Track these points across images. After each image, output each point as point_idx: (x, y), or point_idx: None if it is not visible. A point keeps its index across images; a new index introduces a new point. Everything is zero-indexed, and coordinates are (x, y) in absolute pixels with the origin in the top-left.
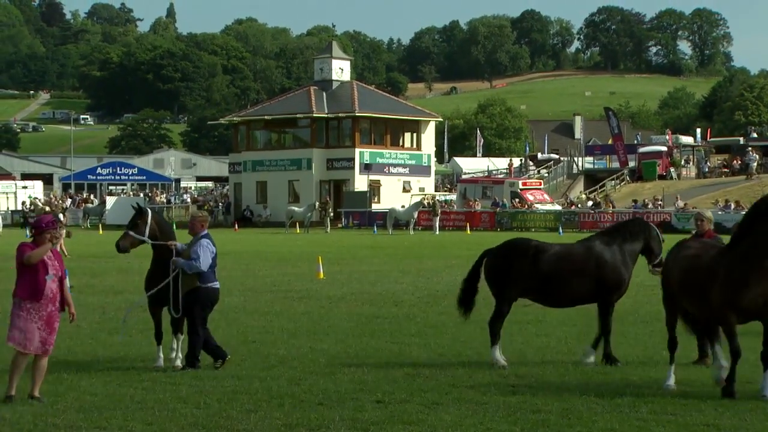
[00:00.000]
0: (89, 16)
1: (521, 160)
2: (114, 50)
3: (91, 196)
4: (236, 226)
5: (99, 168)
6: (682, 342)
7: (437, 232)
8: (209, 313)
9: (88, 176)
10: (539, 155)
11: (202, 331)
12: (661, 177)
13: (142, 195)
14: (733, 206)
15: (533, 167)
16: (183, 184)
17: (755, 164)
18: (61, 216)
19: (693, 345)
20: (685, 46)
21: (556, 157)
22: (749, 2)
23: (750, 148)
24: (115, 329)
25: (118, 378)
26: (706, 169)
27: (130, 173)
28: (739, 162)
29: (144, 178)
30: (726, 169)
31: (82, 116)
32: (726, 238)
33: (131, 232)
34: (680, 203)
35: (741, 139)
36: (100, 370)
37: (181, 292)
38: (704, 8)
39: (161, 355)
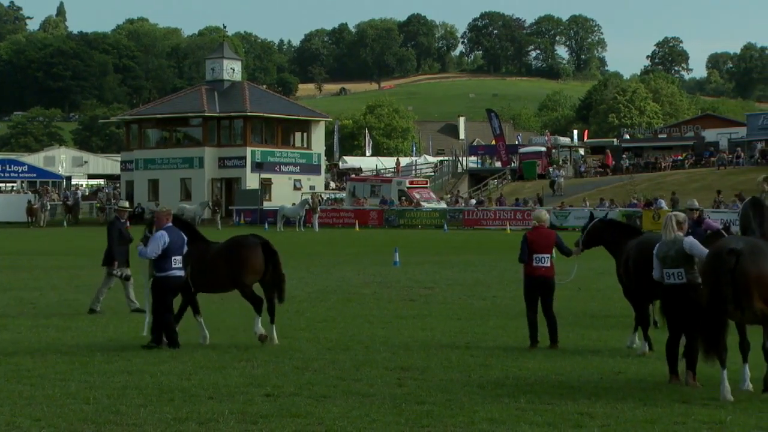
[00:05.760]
0: None
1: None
2: (3, 48)
3: None
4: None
5: None
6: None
7: (317, 229)
8: (172, 299)
9: None
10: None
11: (165, 316)
12: (541, 176)
13: (31, 192)
14: (608, 204)
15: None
16: (74, 181)
17: (562, 180)
18: None
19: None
20: (562, 51)
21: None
22: (622, 10)
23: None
24: (2, 326)
25: (6, 374)
26: (583, 169)
27: (20, 171)
28: (613, 162)
29: (35, 175)
30: (601, 169)
31: None
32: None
33: None
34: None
35: (615, 140)
36: None
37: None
38: (580, 15)
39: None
